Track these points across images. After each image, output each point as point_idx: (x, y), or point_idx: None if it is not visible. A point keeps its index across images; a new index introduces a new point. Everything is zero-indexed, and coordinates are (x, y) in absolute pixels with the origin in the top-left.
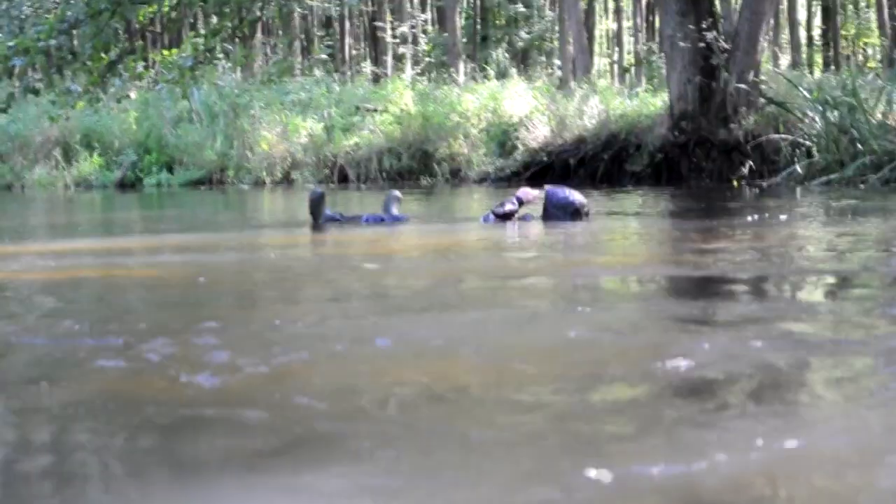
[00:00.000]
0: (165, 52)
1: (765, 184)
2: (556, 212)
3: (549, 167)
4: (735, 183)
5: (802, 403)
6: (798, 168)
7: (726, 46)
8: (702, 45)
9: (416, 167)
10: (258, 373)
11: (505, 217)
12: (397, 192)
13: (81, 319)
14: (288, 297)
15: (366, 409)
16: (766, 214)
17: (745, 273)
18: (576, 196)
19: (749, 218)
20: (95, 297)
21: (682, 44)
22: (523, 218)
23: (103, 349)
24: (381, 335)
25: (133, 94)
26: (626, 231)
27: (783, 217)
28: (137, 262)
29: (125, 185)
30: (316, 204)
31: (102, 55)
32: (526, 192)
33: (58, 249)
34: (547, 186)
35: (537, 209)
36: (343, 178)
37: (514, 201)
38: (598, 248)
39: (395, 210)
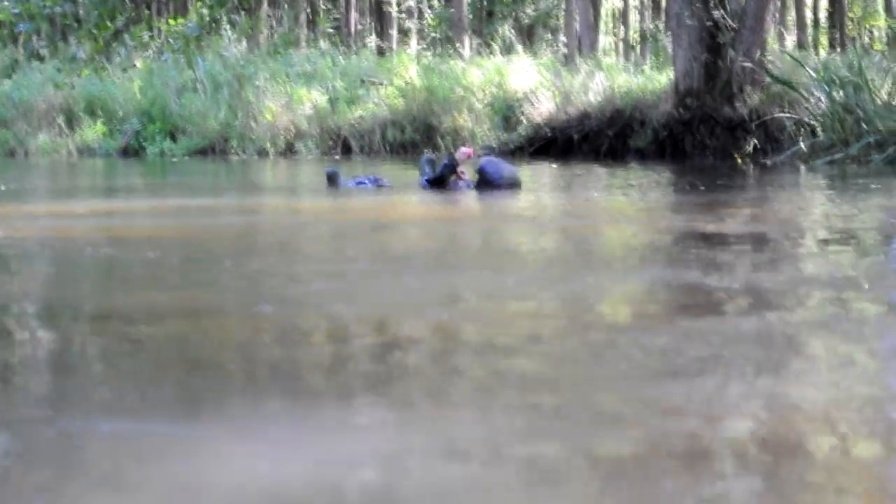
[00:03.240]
0: (171, 22)
1: (769, 162)
2: (492, 183)
3: (552, 142)
4: (738, 160)
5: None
6: (802, 146)
7: (733, 24)
8: (708, 22)
9: (419, 140)
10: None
11: (434, 184)
12: (430, 155)
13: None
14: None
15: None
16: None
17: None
18: (506, 171)
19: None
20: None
21: (688, 21)
22: (456, 185)
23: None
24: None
25: (138, 63)
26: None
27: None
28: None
29: (128, 153)
30: (332, 178)
31: (108, 23)
32: (464, 151)
33: (76, 211)
34: (482, 159)
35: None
36: (346, 150)
37: (445, 165)
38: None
39: (428, 170)
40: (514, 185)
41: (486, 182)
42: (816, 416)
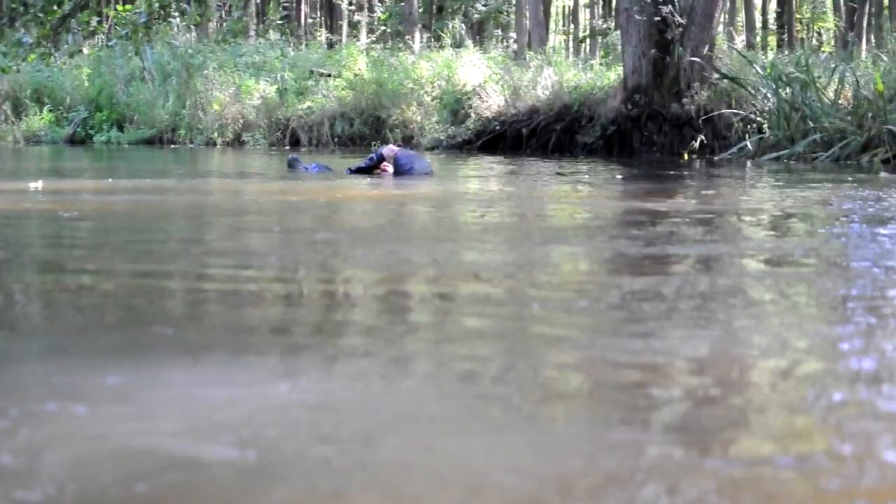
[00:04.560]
0: (119, 8)
1: (715, 158)
2: (404, 172)
3: (501, 136)
4: (685, 157)
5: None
6: (748, 144)
7: (681, 21)
8: (657, 18)
9: (368, 133)
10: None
11: (358, 172)
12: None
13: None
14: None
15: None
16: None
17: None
18: (417, 163)
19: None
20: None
21: (637, 17)
22: (381, 174)
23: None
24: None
25: (86, 50)
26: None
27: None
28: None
29: (75, 142)
30: (292, 164)
31: (55, 7)
32: (390, 148)
33: (24, 188)
34: (398, 152)
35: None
36: (295, 142)
37: (371, 158)
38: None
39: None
40: (425, 173)
41: (398, 171)
42: (753, 350)
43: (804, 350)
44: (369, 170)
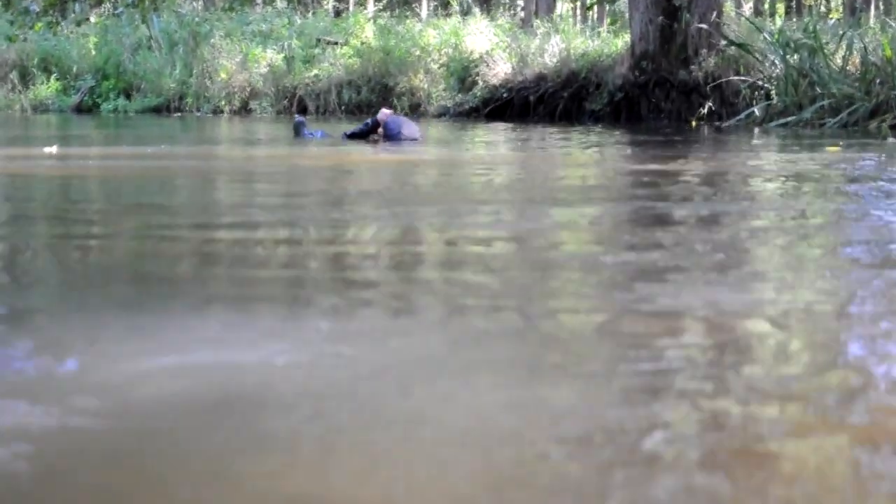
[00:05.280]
0: None
1: (722, 125)
2: (395, 137)
3: (508, 104)
4: (693, 123)
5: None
6: (756, 110)
7: None
8: None
9: (375, 100)
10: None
11: (353, 137)
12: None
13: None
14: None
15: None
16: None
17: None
18: (405, 128)
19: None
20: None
21: None
22: (376, 139)
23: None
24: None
25: (92, 19)
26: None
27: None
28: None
29: (82, 110)
30: (297, 127)
31: None
32: (384, 113)
33: (33, 154)
34: (389, 118)
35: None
36: (302, 110)
37: (367, 124)
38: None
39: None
40: (412, 139)
41: (386, 136)
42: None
43: (816, 299)
44: (365, 135)
